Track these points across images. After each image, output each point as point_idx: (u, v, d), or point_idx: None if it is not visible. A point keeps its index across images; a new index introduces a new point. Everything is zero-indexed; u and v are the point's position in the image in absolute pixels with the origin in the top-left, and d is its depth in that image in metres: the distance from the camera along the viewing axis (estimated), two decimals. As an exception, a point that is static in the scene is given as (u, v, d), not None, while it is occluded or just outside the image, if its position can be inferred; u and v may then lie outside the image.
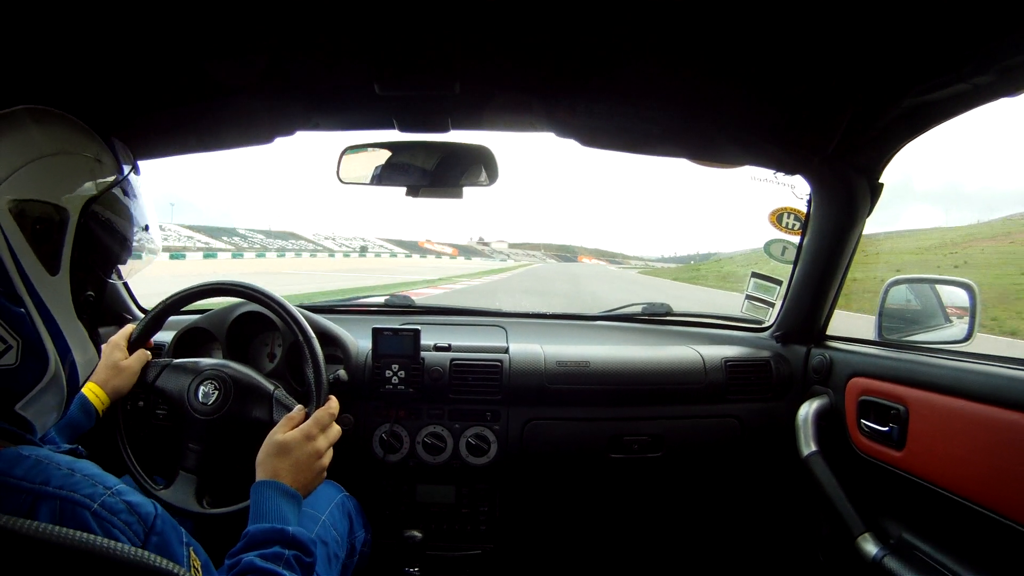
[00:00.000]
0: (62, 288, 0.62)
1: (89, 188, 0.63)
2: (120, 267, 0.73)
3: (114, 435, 1.02)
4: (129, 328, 1.10)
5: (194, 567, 0.61)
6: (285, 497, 0.81)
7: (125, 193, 0.69)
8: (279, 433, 0.88)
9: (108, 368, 1.02)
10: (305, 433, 0.88)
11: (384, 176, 1.25)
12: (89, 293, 0.67)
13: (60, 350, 0.62)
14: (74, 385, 0.65)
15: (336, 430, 0.94)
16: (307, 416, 0.93)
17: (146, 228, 0.74)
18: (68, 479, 0.54)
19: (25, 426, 0.62)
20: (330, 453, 0.91)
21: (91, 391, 0.99)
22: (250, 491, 0.82)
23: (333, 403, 0.95)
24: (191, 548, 0.62)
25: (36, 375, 0.60)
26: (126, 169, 0.69)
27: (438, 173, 1.23)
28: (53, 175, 0.60)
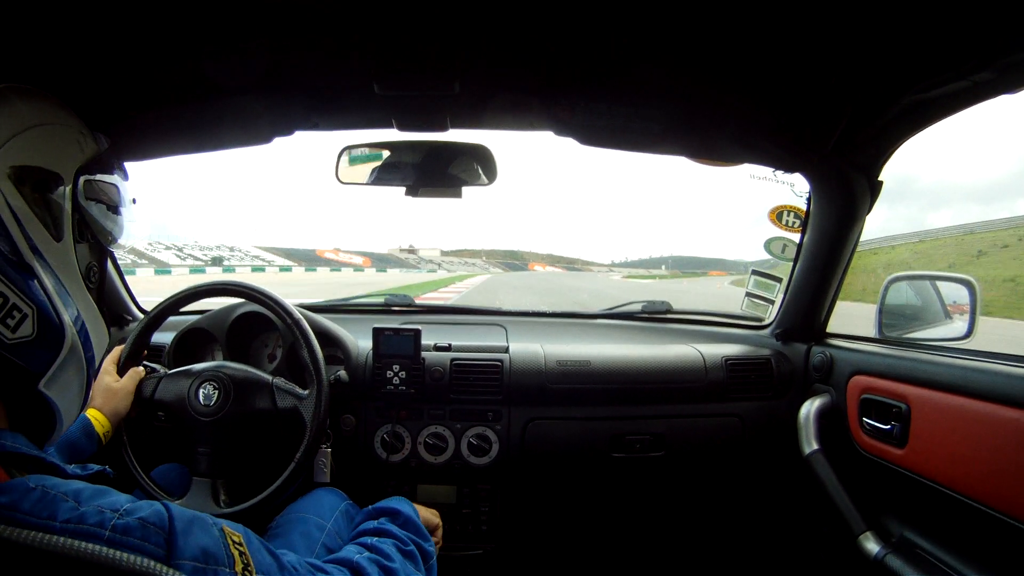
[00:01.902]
0: (68, 254, 0.62)
1: (77, 157, 0.65)
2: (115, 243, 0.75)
3: (120, 453, 1.02)
4: (117, 351, 1.10)
5: (232, 541, 0.56)
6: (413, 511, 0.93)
7: (109, 167, 0.71)
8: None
9: (102, 392, 1.02)
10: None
11: (383, 175, 1.25)
12: (92, 263, 0.68)
13: (74, 319, 0.61)
14: (91, 361, 0.65)
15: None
16: (317, 393, 0.98)
17: (134, 201, 0.75)
18: (74, 512, 0.52)
19: (49, 415, 0.61)
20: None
21: (92, 416, 0.98)
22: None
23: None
24: (221, 527, 0.57)
25: (55, 347, 0.59)
26: (103, 144, 0.71)
27: (437, 172, 1.23)
28: (44, 144, 0.61)
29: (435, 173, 1.24)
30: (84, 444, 0.96)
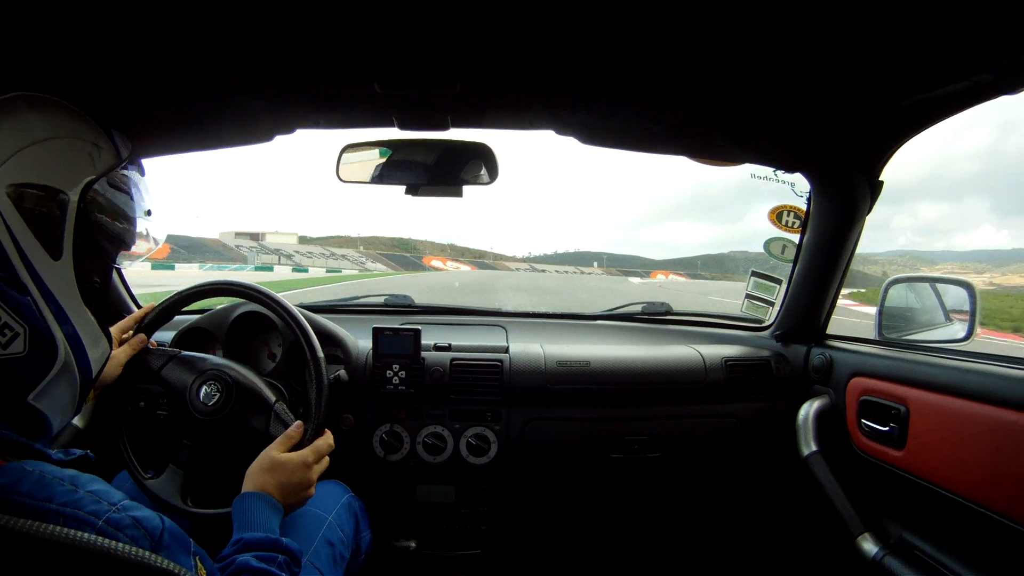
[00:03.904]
0: (66, 273, 0.61)
1: (88, 171, 0.63)
2: (125, 253, 0.73)
3: (111, 426, 1.02)
4: (140, 313, 1.10)
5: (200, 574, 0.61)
6: (272, 510, 0.82)
7: (125, 178, 0.69)
8: (276, 451, 0.89)
9: None
10: (303, 460, 0.89)
11: (384, 174, 1.25)
12: (95, 279, 0.67)
13: (69, 337, 0.61)
14: (87, 376, 0.65)
15: (326, 463, 0.96)
16: (306, 433, 0.94)
17: (148, 213, 0.74)
18: (71, 496, 0.53)
19: (40, 422, 0.61)
20: (313, 487, 0.93)
21: None
22: (235, 500, 0.82)
23: (329, 436, 0.97)
24: (198, 557, 0.62)
25: (46, 364, 0.59)
26: (124, 154, 0.69)
27: (438, 171, 1.23)
28: (50, 159, 0.60)
29: (436, 172, 1.24)
30: None
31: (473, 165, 1.23)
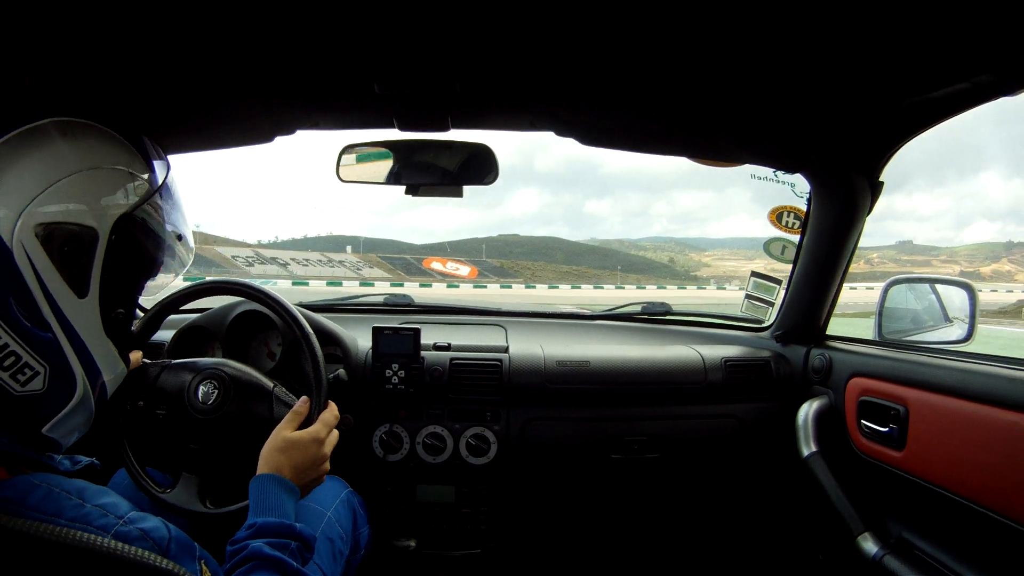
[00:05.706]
0: (91, 310, 0.60)
1: (121, 204, 0.61)
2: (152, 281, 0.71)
3: (113, 437, 1.02)
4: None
5: None
6: (288, 493, 0.80)
7: (159, 205, 0.67)
8: (287, 430, 0.87)
9: None
10: (314, 435, 0.88)
11: (384, 174, 1.25)
12: (119, 310, 0.64)
13: (88, 372, 0.60)
14: (102, 400, 0.64)
15: (336, 435, 0.94)
16: (312, 408, 0.93)
17: (180, 238, 0.71)
18: (79, 511, 0.53)
19: (50, 446, 0.61)
20: (328, 460, 0.92)
21: None
22: (251, 483, 0.81)
23: (334, 407, 0.96)
24: (203, 560, 0.62)
25: (63, 399, 0.59)
26: (159, 176, 0.66)
27: (438, 172, 1.23)
28: (83, 193, 0.57)
29: (436, 172, 1.24)
30: None
31: (474, 165, 1.23)
